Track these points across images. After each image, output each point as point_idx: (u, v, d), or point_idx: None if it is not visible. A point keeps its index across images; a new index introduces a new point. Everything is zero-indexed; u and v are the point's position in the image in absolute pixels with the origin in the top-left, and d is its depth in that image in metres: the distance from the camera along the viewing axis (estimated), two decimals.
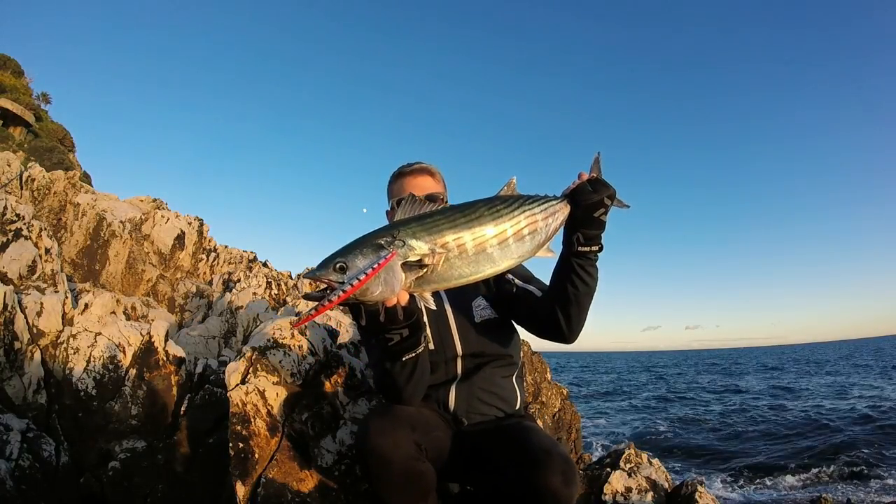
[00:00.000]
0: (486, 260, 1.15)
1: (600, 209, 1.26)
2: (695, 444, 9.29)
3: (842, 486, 6.25)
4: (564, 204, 1.29)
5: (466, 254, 1.13)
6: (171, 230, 7.36)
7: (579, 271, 1.33)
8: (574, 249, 1.31)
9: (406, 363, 1.30)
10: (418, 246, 1.09)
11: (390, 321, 1.17)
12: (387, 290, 1.07)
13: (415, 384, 1.39)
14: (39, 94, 19.20)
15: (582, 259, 1.32)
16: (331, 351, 2.24)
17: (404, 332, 1.22)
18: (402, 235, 1.10)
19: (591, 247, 1.31)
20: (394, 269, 1.06)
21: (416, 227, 1.12)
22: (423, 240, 1.10)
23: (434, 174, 1.71)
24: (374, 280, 1.03)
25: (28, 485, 2.17)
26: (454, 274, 1.13)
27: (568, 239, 1.32)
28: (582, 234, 1.29)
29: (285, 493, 1.83)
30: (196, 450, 2.51)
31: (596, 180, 1.29)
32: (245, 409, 1.93)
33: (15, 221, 3.88)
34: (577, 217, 1.28)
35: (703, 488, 2.40)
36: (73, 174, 7.23)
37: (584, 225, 1.28)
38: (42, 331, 2.80)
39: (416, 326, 1.24)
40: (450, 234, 1.12)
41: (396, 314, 1.16)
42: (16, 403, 2.52)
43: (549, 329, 1.48)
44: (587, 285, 1.35)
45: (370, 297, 1.06)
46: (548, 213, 1.25)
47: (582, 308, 1.39)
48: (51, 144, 15.51)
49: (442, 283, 1.14)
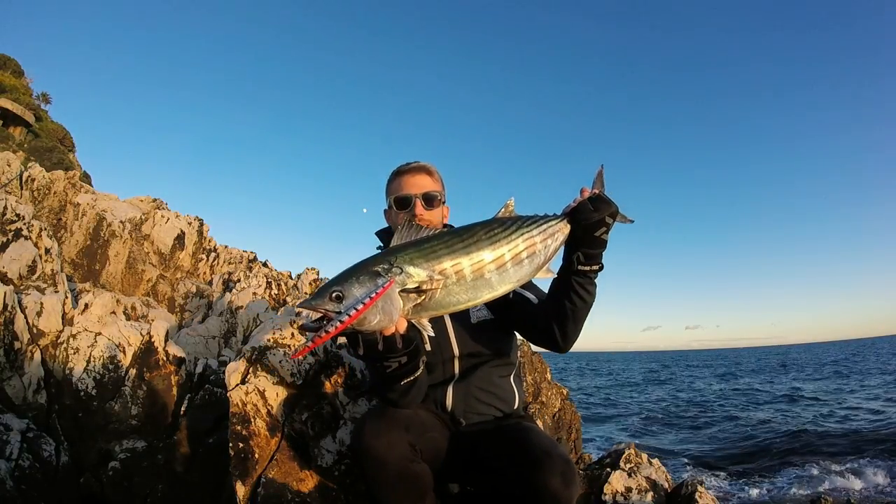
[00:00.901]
0: (485, 286, 1.14)
1: (601, 228, 1.24)
2: (695, 444, 9.29)
3: (842, 486, 6.25)
4: (564, 223, 1.27)
5: (465, 280, 1.11)
6: (171, 230, 7.36)
7: (578, 289, 1.33)
8: (574, 268, 1.30)
9: (404, 385, 1.32)
10: (416, 273, 1.07)
11: (388, 350, 1.15)
12: (385, 319, 1.04)
13: (412, 397, 1.41)
14: (39, 94, 19.20)
15: (581, 277, 1.32)
16: (331, 351, 2.24)
17: (403, 360, 1.21)
18: (400, 262, 1.07)
19: (591, 266, 1.30)
20: (392, 297, 1.04)
21: (414, 253, 1.10)
22: (420, 266, 1.08)
23: (432, 173, 1.71)
24: (371, 309, 1.01)
25: (28, 485, 2.17)
26: (452, 301, 1.11)
27: (568, 258, 1.32)
28: (582, 253, 1.28)
29: (285, 493, 1.83)
30: (196, 450, 2.51)
31: (598, 198, 1.27)
32: (245, 409, 1.93)
33: (15, 221, 3.88)
34: (577, 236, 1.27)
35: (703, 488, 2.40)
36: (73, 174, 7.23)
37: (585, 244, 1.27)
38: (42, 331, 2.80)
39: (415, 353, 1.23)
40: (448, 261, 1.10)
41: (395, 342, 1.14)
42: (16, 403, 2.52)
43: (545, 339, 1.49)
44: (585, 302, 1.35)
45: (368, 326, 1.04)
46: (546, 234, 1.24)
47: (578, 322, 1.40)
48: (51, 144, 15.51)
49: (440, 309, 1.12)
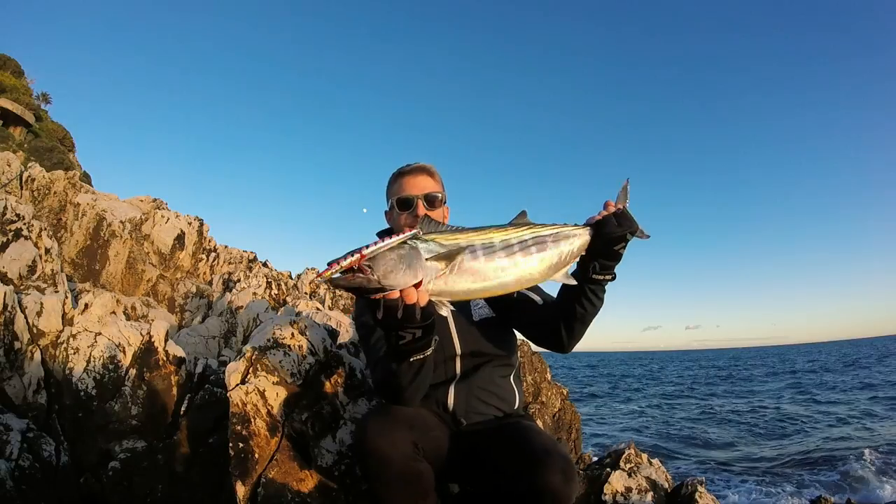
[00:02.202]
0: (497, 277, 1.19)
1: (621, 243, 1.32)
2: (695, 444, 9.29)
3: (842, 485, 6.25)
4: (586, 231, 1.34)
5: (480, 269, 1.17)
6: (171, 230, 7.36)
7: (590, 296, 1.40)
8: (588, 276, 1.37)
9: (413, 364, 1.30)
10: (438, 247, 1.15)
11: (407, 318, 1.17)
12: (410, 276, 1.09)
13: (417, 386, 1.38)
14: (39, 94, 19.23)
15: (594, 285, 1.39)
16: (331, 351, 2.24)
17: (417, 333, 1.22)
18: (425, 237, 1.15)
19: (605, 275, 1.37)
20: (418, 256, 1.10)
21: (436, 234, 1.18)
22: (442, 243, 1.15)
23: (433, 174, 1.72)
24: (398, 263, 1.07)
25: (28, 485, 2.17)
26: (463, 288, 1.17)
27: (584, 265, 1.38)
28: (599, 263, 1.35)
29: (285, 493, 1.83)
30: (196, 450, 2.51)
31: (623, 214, 1.34)
32: (245, 409, 1.93)
33: (15, 221, 3.88)
34: (597, 247, 1.33)
35: (703, 488, 2.40)
36: (73, 174, 7.24)
37: (603, 256, 1.34)
38: (42, 331, 2.80)
39: (430, 329, 1.24)
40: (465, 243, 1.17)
41: (414, 313, 1.16)
42: (16, 403, 2.52)
43: (550, 339, 1.54)
44: (594, 307, 1.43)
45: (393, 280, 1.08)
46: (563, 238, 1.30)
47: (585, 325, 1.47)
48: (51, 144, 15.52)
49: (451, 295, 1.18)
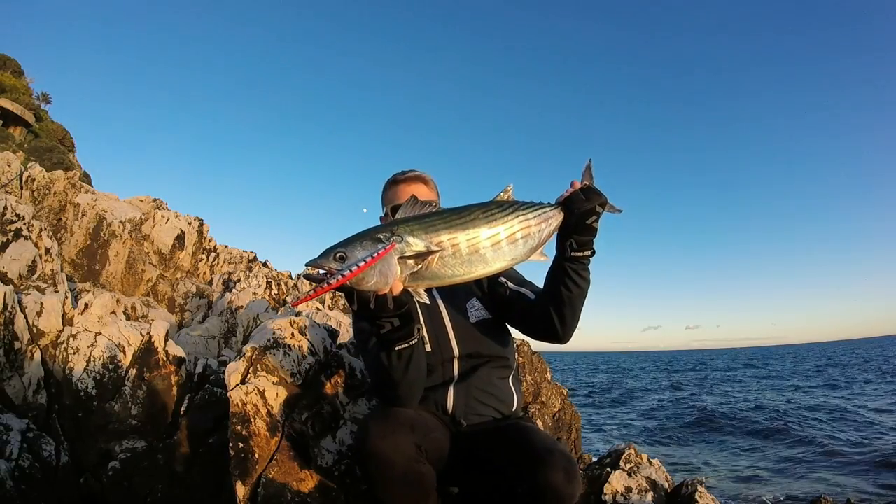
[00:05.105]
0: (479, 261, 1.23)
1: (592, 216, 1.35)
2: (695, 444, 9.30)
3: (843, 485, 6.25)
4: (558, 211, 1.37)
5: (460, 253, 1.21)
6: (171, 230, 7.36)
7: (573, 275, 1.41)
8: (567, 254, 1.39)
9: (401, 354, 1.31)
10: (415, 242, 1.18)
11: (380, 309, 1.21)
12: (381, 281, 1.14)
13: (410, 381, 1.38)
14: (39, 94, 19.22)
15: (575, 263, 1.41)
16: (331, 351, 2.24)
17: (395, 322, 1.25)
18: (401, 232, 1.18)
19: (583, 252, 1.39)
20: (389, 261, 1.14)
21: (414, 225, 1.20)
22: (419, 237, 1.18)
23: (427, 182, 1.74)
24: (370, 270, 1.11)
25: (28, 485, 2.17)
26: (447, 273, 1.21)
27: (561, 245, 1.41)
28: (575, 240, 1.37)
29: (285, 493, 1.83)
30: (196, 450, 2.51)
31: (588, 188, 1.37)
32: (245, 409, 1.93)
33: (15, 221, 3.88)
34: (570, 224, 1.36)
35: (703, 488, 2.40)
36: (73, 174, 7.24)
37: (577, 231, 1.36)
38: (42, 331, 2.80)
39: (408, 318, 1.27)
40: (445, 234, 1.20)
41: (386, 303, 1.20)
42: (16, 403, 2.52)
43: (544, 329, 1.53)
44: (580, 287, 1.43)
45: (365, 285, 1.14)
46: (541, 218, 1.33)
47: (575, 309, 1.46)
48: (51, 144, 15.52)
49: (435, 280, 1.21)
